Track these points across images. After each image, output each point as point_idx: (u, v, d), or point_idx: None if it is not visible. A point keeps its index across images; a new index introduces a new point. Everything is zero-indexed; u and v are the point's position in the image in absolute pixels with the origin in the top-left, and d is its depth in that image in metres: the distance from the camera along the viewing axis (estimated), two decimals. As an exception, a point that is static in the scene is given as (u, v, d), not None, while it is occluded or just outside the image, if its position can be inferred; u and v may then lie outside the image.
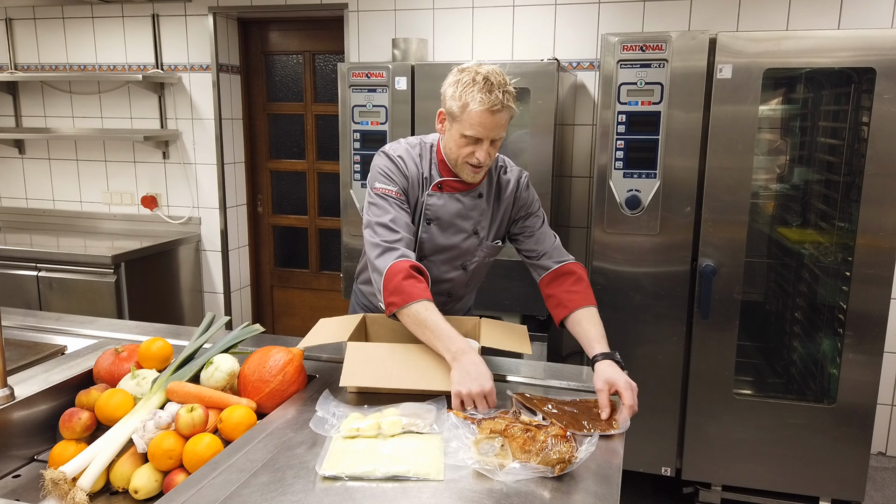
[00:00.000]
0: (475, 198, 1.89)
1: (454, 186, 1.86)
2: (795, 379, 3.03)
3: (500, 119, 1.71)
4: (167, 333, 2.06)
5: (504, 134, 1.77)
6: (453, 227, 1.88)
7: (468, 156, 1.76)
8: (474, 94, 1.68)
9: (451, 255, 1.91)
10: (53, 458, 1.47)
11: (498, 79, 1.71)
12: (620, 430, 1.49)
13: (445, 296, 1.98)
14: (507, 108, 1.71)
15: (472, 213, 1.89)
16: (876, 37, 2.38)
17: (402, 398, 1.58)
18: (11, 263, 3.68)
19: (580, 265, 1.91)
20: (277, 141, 4.25)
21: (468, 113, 1.70)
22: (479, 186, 1.89)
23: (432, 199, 1.86)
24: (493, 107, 1.68)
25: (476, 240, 1.91)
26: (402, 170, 1.84)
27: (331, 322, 1.89)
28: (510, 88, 1.73)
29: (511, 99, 1.72)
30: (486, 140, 1.73)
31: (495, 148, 1.78)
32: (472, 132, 1.71)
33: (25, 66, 4.27)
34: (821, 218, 2.92)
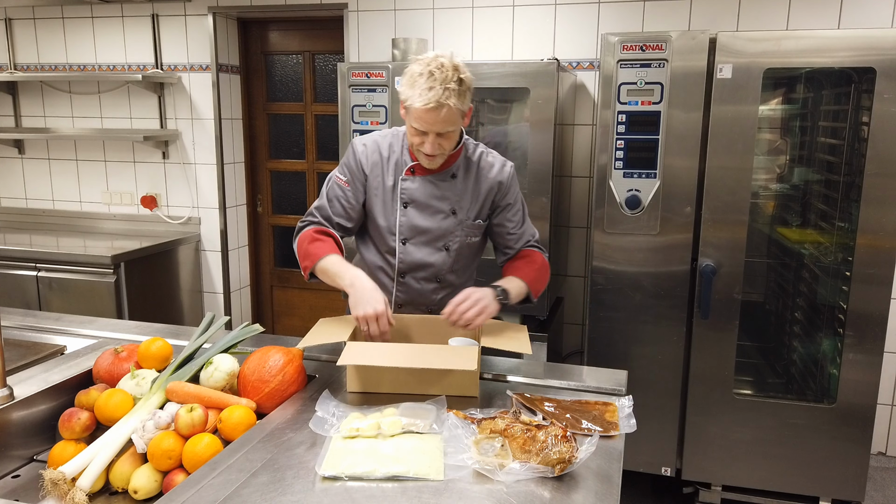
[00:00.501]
0: (448, 178, 1.93)
1: (426, 169, 1.92)
2: (795, 379, 3.03)
3: (441, 115, 1.72)
4: (167, 333, 2.06)
5: (453, 128, 1.77)
6: (430, 209, 1.93)
7: (419, 144, 1.82)
8: (416, 91, 1.71)
9: (431, 236, 1.95)
10: (53, 458, 1.46)
11: (444, 74, 1.70)
12: (621, 431, 1.49)
13: (434, 281, 2.00)
14: (447, 107, 1.70)
15: (448, 194, 1.93)
16: (876, 36, 2.38)
17: (402, 398, 1.58)
18: (11, 263, 3.68)
19: (539, 253, 2.01)
20: (277, 141, 4.25)
21: (411, 108, 1.75)
22: (451, 167, 1.93)
23: (406, 184, 1.92)
24: (429, 104, 1.69)
25: (455, 219, 1.94)
26: (357, 157, 1.95)
27: (330, 322, 1.89)
28: (453, 85, 1.70)
29: (453, 95, 1.70)
30: (431, 133, 1.76)
31: (447, 139, 1.80)
32: (417, 125, 1.77)
33: (25, 66, 4.27)
34: (821, 218, 2.92)
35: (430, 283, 1.99)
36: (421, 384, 1.66)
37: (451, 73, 1.72)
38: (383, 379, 1.67)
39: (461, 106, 1.75)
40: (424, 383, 1.66)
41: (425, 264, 1.97)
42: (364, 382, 1.68)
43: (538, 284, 1.96)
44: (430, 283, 1.99)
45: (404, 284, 1.99)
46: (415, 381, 1.66)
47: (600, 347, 2.80)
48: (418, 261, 1.96)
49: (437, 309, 1.95)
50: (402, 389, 1.66)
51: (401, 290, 2.00)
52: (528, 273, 1.93)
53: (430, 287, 1.99)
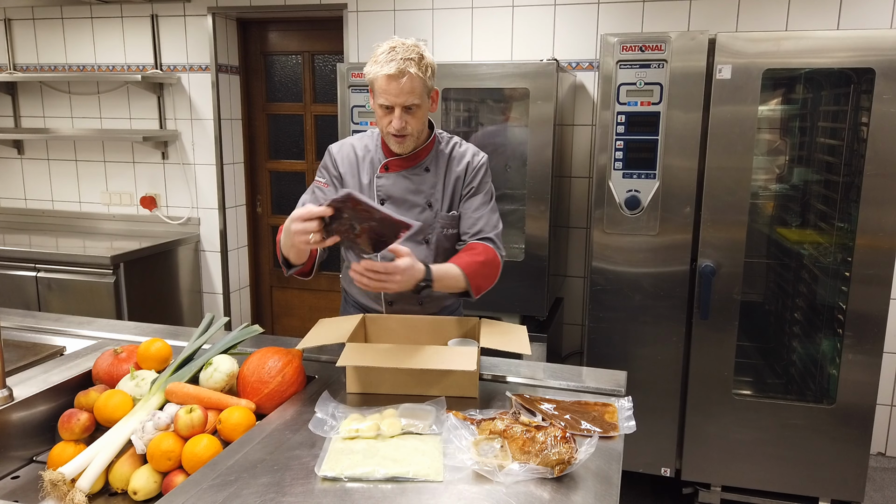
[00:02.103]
0: (422, 172, 1.96)
1: (399, 165, 1.95)
2: (795, 379, 3.03)
3: (405, 85, 1.76)
4: (166, 334, 2.06)
5: (417, 101, 1.80)
6: (407, 203, 1.95)
7: (387, 125, 1.84)
8: (378, 64, 1.77)
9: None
10: (52, 459, 1.46)
11: (405, 48, 1.78)
12: (621, 432, 1.49)
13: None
14: (408, 74, 1.75)
15: (423, 188, 1.96)
16: (875, 37, 2.38)
17: (402, 399, 1.58)
18: (10, 264, 3.68)
19: (489, 248, 1.91)
20: (277, 141, 4.25)
21: (375, 81, 1.79)
22: (424, 161, 1.96)
23: (381, 181, 1.95)
24: (391, 72, 1.74)
25: (431, 212, 1.96)
26: (333, 160, 1.99)
27: (330, 322, 1.89)
28: (415, 56, 1.77)
29: (414, 65, 1.76)
30: (397, 108, 1.79)
31: (414, 117, 1.83)
32: (381, 100, 1.80)
33: (24, 67, 4.27)
34: (820, 218, 2.92)
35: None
36: (420, 385, 1.66)
37: (413, 48, 1.79)
38: (383, 380, 1.67)
39: (423, 76, 1.79)
40: (424, 384, 1.66)
41: None
42: (363, 383, 1.68)
43: (480, 280, 1.86)
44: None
45: None
46: (414, 381, 1.66)
47: (600, 348, 2.80)
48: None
49: (425, 301, 1.99)
50: (401, 390, 1.66)
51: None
52: (470, 265, 1.83)
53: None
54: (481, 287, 1.88)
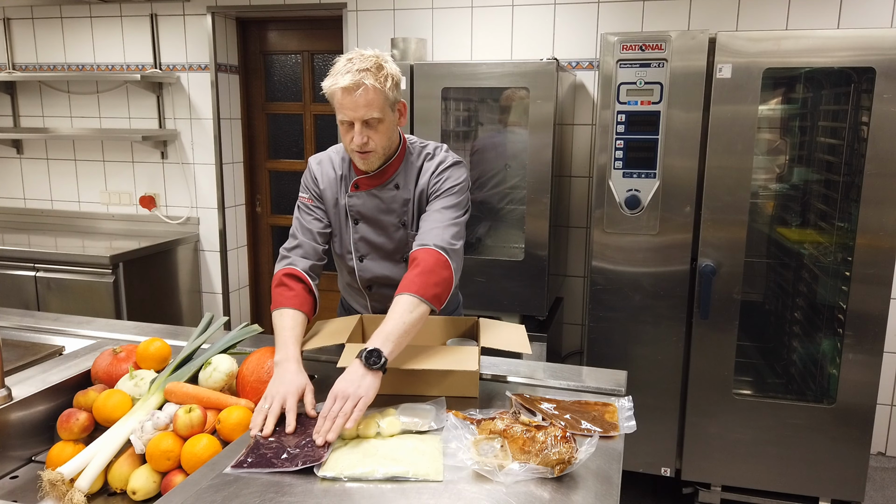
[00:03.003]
0: (392, 189, 1.86)
1: (368, 183, 1.86)
2: (795, 379, 3.03)
3: (360, 98, 1.66)
4: (165, 334, 2.06)
5: (378, 115, 1.70)
6: (379, 223, 1.88)
7: (350, 142, 1.75)
8: (334, 76, 1.70)
9: (386, 251, 1.91)
10: (51, 458, 1.46)
11: (362, 57, 1.70)
12: (621, 432, 1.48)
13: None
14: (364, 86, 1.66)
15: (394, 206, 1.87)
16: (875, 36, 2.38)
17: (402, 400, 1.58)
18: (9, 264, 3.67)
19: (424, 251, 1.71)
20: (276, 141, 4.25)
21: (333, 95, 1.71)
22: (393, 177, 1.86)
23: (352, 200, 1.88)
24: (346, 84, 1.66)
25: (405, 231, 1.89)
26: (314, 175, 1.92)
27: (328, 324, 1.89)
28: (371, 66, 1.68)
29: (370, 77, 1.66)
30: (357, 122, 1.70)
31: (376, 131, 1.73)
32: (341, 115, 1.72)
33: (23, 66, 4.26)
34: (820, 218, 2.91)
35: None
36: (421, 385, 1.66)
37: (371, 60, 1.70)
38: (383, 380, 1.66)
39: (382, 88, 1.68)
40: (424, 384, 1.65)
41: (387, 277, 1.93)
42: None
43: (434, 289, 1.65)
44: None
45: (374, 293, 1.98)
46: (415, 382, 1.65)
47: (600, 347, 2.80)
48: (380, 275, 1.94)
49: None
50: (401, 391, 1.66)
51: (374, 299, 1.99)
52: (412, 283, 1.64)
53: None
54: (439, 295, 1.67)
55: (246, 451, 1.36)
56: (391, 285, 1.84)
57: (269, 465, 1.31)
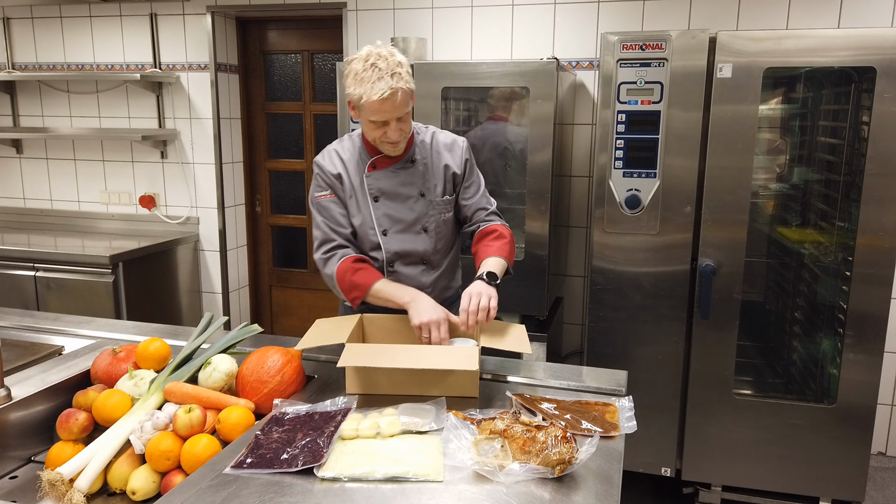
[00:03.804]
0: (409, 164, 2.01)
1: (385, 162, 1.99)
2: (795, 379, 3.03)
3: (396, 101, 1.80)
4: (165, 334, 2.06)
5: (408, 109, 1.86)
6: (400, 196, 2.00)
7: (382, 136, 1.88)
8: (366, 85, 1.78)
9: (407, 223, 2.01)
10: (50, 459, 1.46)
11: (386, 63, 1.79)
12: (621, 432, 1.48)
13: (421, 263, 2.05)
14: (400, 91, 1.79)
15: (413, 179, 2.00)
16: (876, 36, 2.37)
17: (402, 400, 1.58)
18: (9, 263, 3.67)
19: (505, 227, 2.05)
20: (276, 140, 4.24)
21: (366, 104, 1.80)
22: (409, 153, 2.01)
23: (371, 179, 1.99)
24: (384, 94, 1.77)
25: (425, 201, 2.02)
26: (326, 170, 2.01)
27: (328, 322, 1.88)
28: (399, 70, 1.80)
29: (401, 79, 1.79)
30: (391, 121, 1.84)
31: (405, 122, 1.88)
32: (375, 118, 1.83)
33: (23, 66, 4.26)
34: (821, 218, 2.91)
35: (417, 267, 2.05)
36: (421, 385, 1.65)
37: (392, 60, 1.80)
38: (383, 380, 1.66)
39: (410, 86, 1.84)
40: (424, 384, 1.65)
41: (410, 250, 2.02)
42: (363, 384, 1.67)
43: (512, 258, 2.02)
44: (417, 267, 2.05)
45: (394, 273, 2.04)
46: (415, 382, 1.65)
47: (600, 347, 2.80)
48: (403, 248, 2.02)
49: (431, 293, 1.99)
50: (401, 391, 1.66)
51: (392, 279, 2.03)
52: (503, 248, 1.98)
53: (419, 270, 2.05)
54: (512, 262, 2.01)
55: (246, 452, 1.36)
56: (412, 261, 2.03)
57: (269, 465, 1.31)
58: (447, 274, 2.13)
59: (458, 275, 2.20)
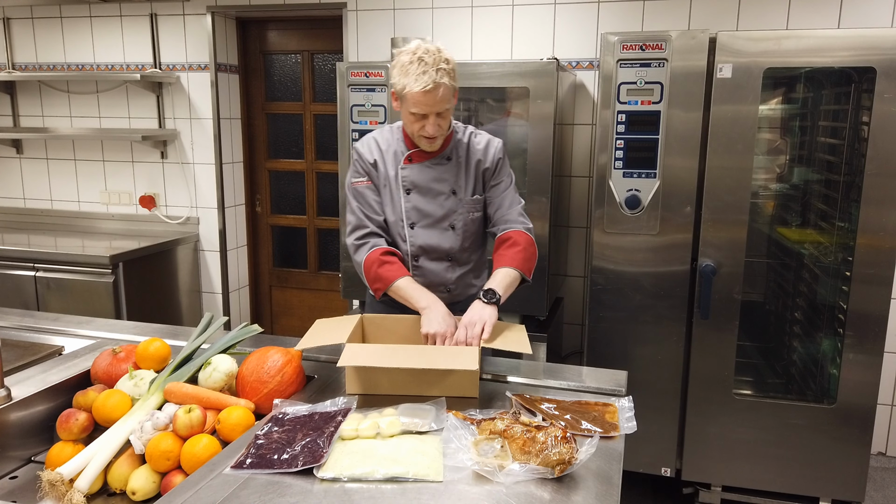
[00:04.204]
0: (444, 161, 2.04)
1: (422, 156, 2.04)
2: (795, 379, 3.03)
3: (438, 96, 1.85)
4: (165, 334, 2.06)
5: (449, 105, 1.91)
6: (432, 191, 2.04)
7: (420, 129, 1.93)
8: (410, 77, 1.84)
9: (435, 218, 2.05)
10: (51, 459, 1.46)
11: (432, 58, 1.84)
12: (621, 432, 1.48)
13: (446, 260, 2.08)
14: (442, 86, 1.84)
15: (446, 176, 2.04)
16: (876, 36, 2.37)
17: (402, 400, 1.58)
18: (9, 263, 3.67)
19: (521, 232, 2.03)
20: (276, 141, 4.24)
21: (408, 94, 1.86)
22: (445, 150, 2.04)
23: (405, 172, 2.04)
24: (427, 87, 1.82)
25: (455, 199, 2.05)
26: (364, 157, 2.07)
27: (328, 323, 1.88)
28: (444, 66, 1.85)
29: (445, 75, 1.85)
30: (431, 115, 1.88)
31: (444, 118, 1.92)
32: (416, 110, 1.88)
33: (23, 66, 4.26)
34: (821, 218, 2.91)
35: (442, 263, 2.07)
36: (421, 385, 1.65)
37: (439, 56, 1.86)
38: (383, 380, 1.66)
39: (453, 83, 1.89)
40: (424, 384, 1.65)
41: (435, 246, 2.05)
42: (363, 384, 1.67)
43: (528, 264, 2.00)
44: (442, 263, 2.07)
45: (419, 267, 2.07)
46: (414, 382, 1.65)
47: (600, 347, 2.80)
48: (428, 243, 2.05)
49: (454, 289, 2.05)
50: (401, 391, 1.66)
51: (416, 273, 2.07)
52: (515, 257, 1.97)
53: (444, 266, 2.08)
54: (531, 268, 2.01)
55: (246, 452, 1.36)
56: (437, 256, 2.06)
57: (269, 465, 1.31)
58: (473, 272, 2.15)
59: (485, 274, 2.20)
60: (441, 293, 2.04)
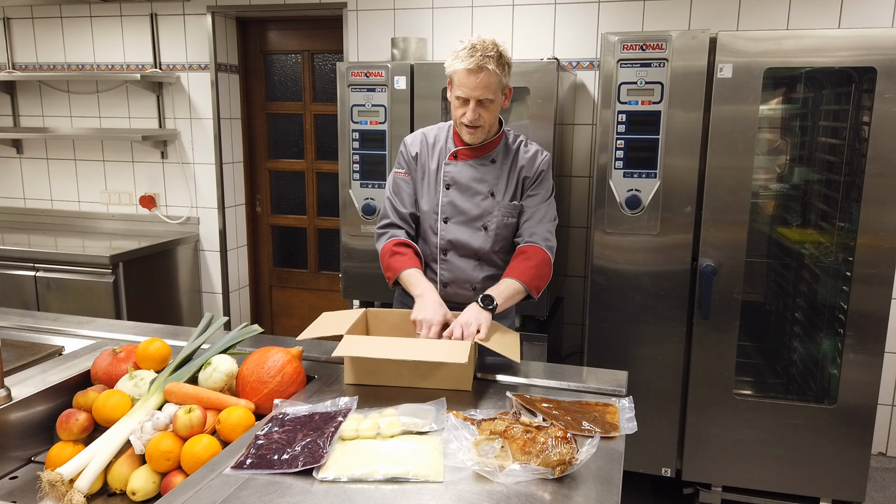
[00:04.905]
0: (488, 163, 2.07)
1: (467, 154, 2.07)
2: (796, 379, 3.03)
3: (481, 80, 1.89)
4: (165, 334, 2.05)
5: (492, 96, 1.93)
6: (471, 190, 2.07)
7: (461, 116, 1.97)
8: (459, 59, 1.91)
9: (470, 216, 2.07)
10: (51, 459, 1.46)
11: (484, 45, 1.89)
12: (622, 433, 1.48)
13: (474, 259, 2.10)
14: (486, 70, 1.88)
15: (487, 177, 2.07)
16: (876, 36, 2.37)
17: (398, 392, 1.58)
18: (9, 263, 3.67)
19: (539, 249, 2.03)
20: (276, 141, 4.24)
21: (454, 74, 1.94)
22: (491, 153, 2.08)
23: (448, 167, 2.08)
24: (470, 66, 1.87)
25: (493, 201, 2.07)
26: (408, 149, 2.14)
27: (332, 316, 1.91)
28: (494, 54, 1.89)
29: (492, 61, 1.88)
30: (472, 100, 1.92)
31: (487, 110, 1.95)
32: (459, 92, 1.94)
33: (23, 66, 4.26)
34: (821, 218, 2.91)
35: (470, 261, 2.09)
36: (416, 377, 1.68)
37: (491, 46, 1.90)
38: (379, 371, 1.69)
39: (500, 73, 1.91)
40: (419, 376, 1.68)
41: (465, 243, 2.07)
42: (360, 374, 1.70)
43: (538, 281, 2.00)
44: (470, 261, 2.09)
45: (447, 262, 2.10)
46: (410, 373, 1.68)
47: (600, 348, 2.79)
48: (458, 239, 2.08)
49: (480, 288, 2.04)
50: (397, 382, 1.69)
51: (444, 267, 2.10)
52: (526, 272, 1.98)
53: (472, 265, 2.09)
54: (539, 286, 2.01)
55: (246, 452, 1.36)
56: (465, 255, 2.09)
57: (269, 465, 1.31)
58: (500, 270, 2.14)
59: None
60: (466, 291, 2.08)
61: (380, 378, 1.70)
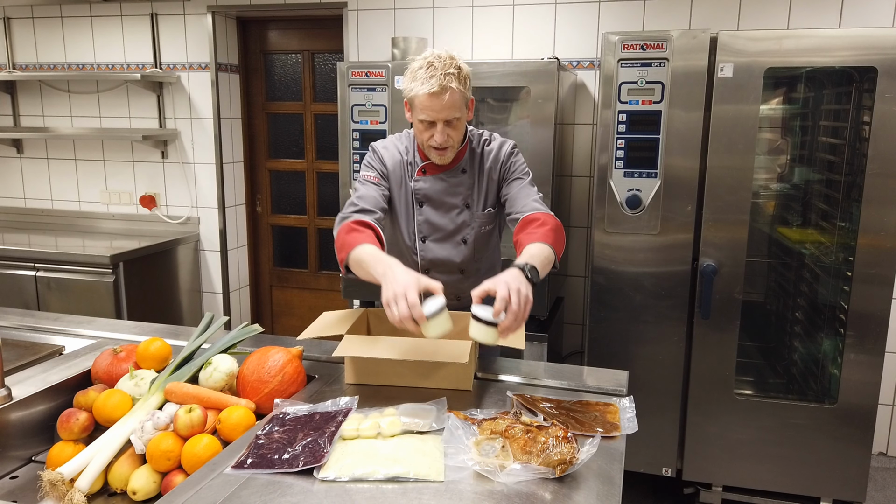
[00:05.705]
0: (458, 174, 1.97)
1: (436, 168, 1.96)
2: (796, 379, 3.02)
3: (446, 101, 1.77)
4: (165, 333, 2.05)
5: (459, 114, 1.81)
6: (445, 205, 1.98)
7: (429, 139, 1.85)
8: (418, 81, 1.77)
9: (448, 231, 1.99)
10: (51, 459, 1.46)
11: (442, 63, 1.77)
12: (622, 432, 1.48)
13: (458, 273, 2.04)
14: (450, 90, 1.76)
15: (459, 189, 1.97)
16: (877, 36, 2.37)
17: (399, 391, 1.58)
18: (9, 263, 3.67)
19: (549, 214, 1.86)
20: (276, 140, 4.24)
21: (416, 98, 1.79)
22: (461, 163, 1.97)
23: (419, 184, 1.97)
24: (433, 90, 1.75)
25: (469, 213, 1.99)
26: (380, 157, 1.99)
27: (333, 315, 1.90)
28: (454, 71, 1.77)
29: (454, 79, 1.77)
30: (439, 122, 1.81)
31: (454, 129, 1.83)
32: (423, 116, 1.81)
33: (24, 66, 4.26)
34: (822, 217, 2.91)
35: (454, 275, 2.03)
36: (416, 376, 1.68)
37: (449, 62, 1.79)
38: (380, 371, 1.69)
39: (463, 89, 1.80)
40: (419, 375, 1.68)
41: (446, 259, 2.01)
42: (361, 374, 1.70)
43: (559, 246, 1.82)
44: (454, 275, 2.03)
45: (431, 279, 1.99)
46: (410, 373, 1.68)
47: (601, 347, 2.79)
48: (439, 257, 2.01)
49: (466, 296, 1.91)
50: (397, 381, 1.68)
51: None
52: (547, 235, 1.77)
53: (456, 278, 2.03)
54: (561, 252, 1.84)
55: (246, 452, 1.36)
56: (449, 270, 2.01)
57: (270, 465, 1.31)
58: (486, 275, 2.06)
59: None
60: (452, 276, 2.02)
61: (380, 378, 1.69)
